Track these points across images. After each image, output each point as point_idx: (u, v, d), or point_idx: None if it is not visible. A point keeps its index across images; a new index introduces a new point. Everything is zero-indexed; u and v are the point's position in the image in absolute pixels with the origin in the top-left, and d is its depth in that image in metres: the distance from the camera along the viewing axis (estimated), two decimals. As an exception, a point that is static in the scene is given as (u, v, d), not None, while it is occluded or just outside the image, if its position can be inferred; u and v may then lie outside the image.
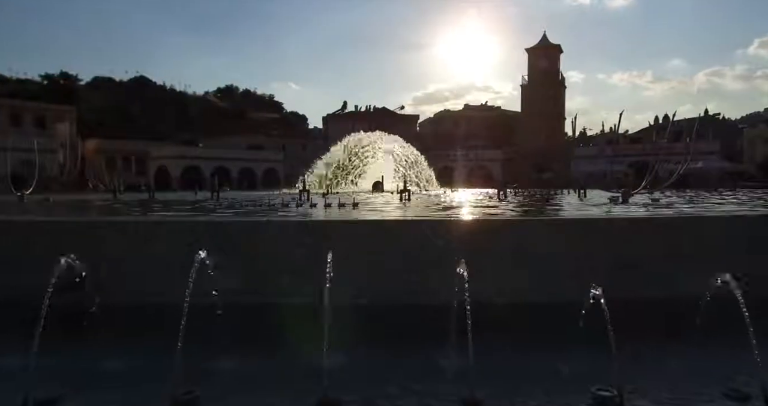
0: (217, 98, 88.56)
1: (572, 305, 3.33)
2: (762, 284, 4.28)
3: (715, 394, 2.93)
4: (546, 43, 61.19)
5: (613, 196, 10.93)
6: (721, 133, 69.69)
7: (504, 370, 3.29)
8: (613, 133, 63.75)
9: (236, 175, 51.29)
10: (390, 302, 4.38)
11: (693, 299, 3.48)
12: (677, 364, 3.31)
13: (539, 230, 4.86)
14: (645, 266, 4.53)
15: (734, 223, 5.40)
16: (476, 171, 58.49)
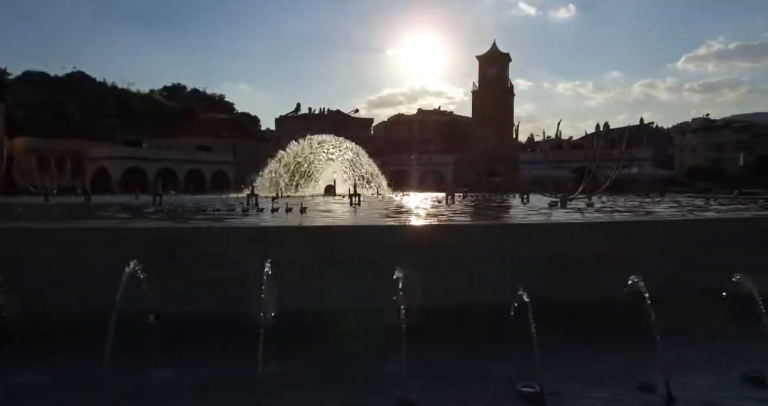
0: (163, 97, 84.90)
1: (505, 307, 3.51)
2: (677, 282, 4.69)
3: (628, 388, 3.18)
4: (495, 52, 63.21)
5: (552, 200, 11.52)
6: (654, 141, 74.60)
7: (438, 371, 3.42)
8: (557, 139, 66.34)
9: (183, 178, 49.39)
10: (336, 307, 4.43)
11: (612, 300, 3.76)
12: (594, 361, 3.56)
13: (478, 234, 5.08)
14: (575, 269, 4.83)
15: (655, 227, 5.86)
16: (429, 175, 59.45)
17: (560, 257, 4.83)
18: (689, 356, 3.58)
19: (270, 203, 9.45)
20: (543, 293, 4.39)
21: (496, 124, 60.12)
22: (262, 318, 3.21)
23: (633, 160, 54.11)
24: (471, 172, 54.25)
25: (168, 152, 51.96)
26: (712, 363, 3.55)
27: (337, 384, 3.31)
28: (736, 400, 3.05)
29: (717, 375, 3.37)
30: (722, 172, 64.03)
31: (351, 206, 10.13)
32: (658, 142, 76.38)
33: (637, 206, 11.27)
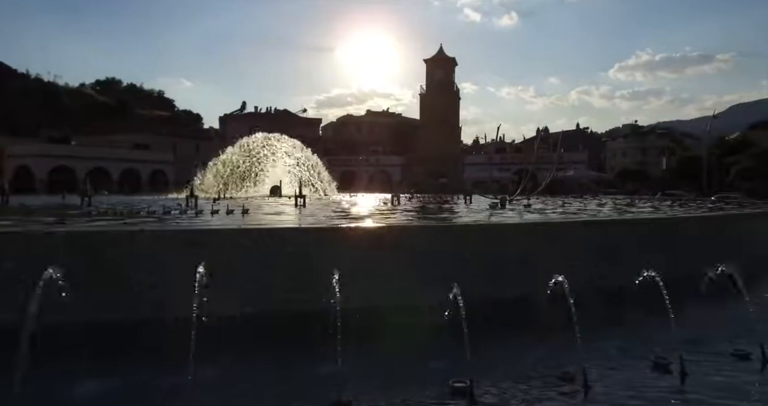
0: (95, 91, 79.58)
1: (441, 306, 3.64)
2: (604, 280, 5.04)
3: (550, 379, 3.40)
4: (442, 55, 64.65)
5: (493, 202, 11.98)
6: (588, 145, 79.18)
7: (374, 370, 3.49)
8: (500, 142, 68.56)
9: (117, 178, 46.61)
10: (274, 310, 4.39)
11: (540, 297, 4.00)
12: (521, 354, 3.78)
13: (416, 235, 5.20)
14: (511, 268, 5.07)
15: (585, 227, 6.26)
16: (377, 176, 59.83)
17: (495, 256, 5.06)
18: (605, 347, 3.87)
19: (211, 205, 9.18)
20: (478, 291, 4.58)
21: (443, 126, 61.49)
22: (194, 323, 3.14)
23: (569, 163, 57.27)
24: (418, 173, 55.11)
25: (100, 150, 48.75)
26: (625, 353, 3.86)
27: (270, 389, 3.30)
28: (644, 386, 3.34)
29: (629, 363, 3.67)
30: (648, 175, 69.09)
31: (296, 208, 10.03)
32: (592, 146, 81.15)
33: (570, 207, 11.95)
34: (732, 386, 3.35)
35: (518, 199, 13.67)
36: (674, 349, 3.57)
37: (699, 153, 54.66)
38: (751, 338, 3.90)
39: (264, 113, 77.12)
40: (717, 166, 49.65)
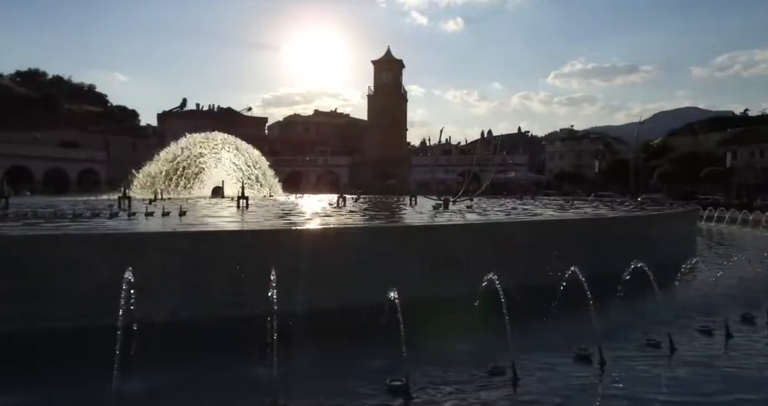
0: (16, 83, 73.22)
1: (379, 306, 3.70)
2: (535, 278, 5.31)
3: (481, 372, 3.55)
4: (390, 58, 65.27)
5: (437, 203, 12.27)
6: (529, 148, 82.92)
7: (309, 372, 3.49)
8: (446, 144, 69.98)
9: (41, 177, 43.16)
10: (209, 315, 4.27)
11: (474, 295, 4.16)
12: (456, 350, 3.92)
13: (360, 237, 5.25)
14: (447, 267, 5.24)
15: (520, 227, 6.57)
16: (325, 177, 59.42)
17: (435, 256, 5.21)
18: (535, 341, 4.10)
19: (146, 206, 8.75)
20: (418, 290, 4.69)
21: (391, 127, 62.08)
22: (121, 331, 3.01)
23: (511, 165, 59.70)
24: (366, 174, 55.30)
25: (20, 147, 44.82)
26: (552, 346, 4.10)
27: (203, 393, 3.22)
28: (567, 376, 3.57)
29: (555, 356, 3.91)
30: (583, 177, 73.30)
31: (238, 209, 9.78)
32: (532, 150, 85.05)
33: (509, 208, 12.46)
34: (643, 371, 3.66)
35: (461, 200, 14.07)
36: (595, 341, 3.84)
37: (627, 157, 58.76)
38: (661, 328, 4.26)
39: (206, 111, 74.36)
40: (643, 169, 53.59)
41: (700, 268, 6.64)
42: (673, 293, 5.42)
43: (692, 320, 4.83)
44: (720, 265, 7.46)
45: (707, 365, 3.82)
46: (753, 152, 61.29)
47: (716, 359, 3.97)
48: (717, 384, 3.44)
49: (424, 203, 13.61)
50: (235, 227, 5.86)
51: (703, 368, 3.75)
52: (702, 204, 23.88)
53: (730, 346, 4.26)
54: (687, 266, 5.64)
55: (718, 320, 4.68)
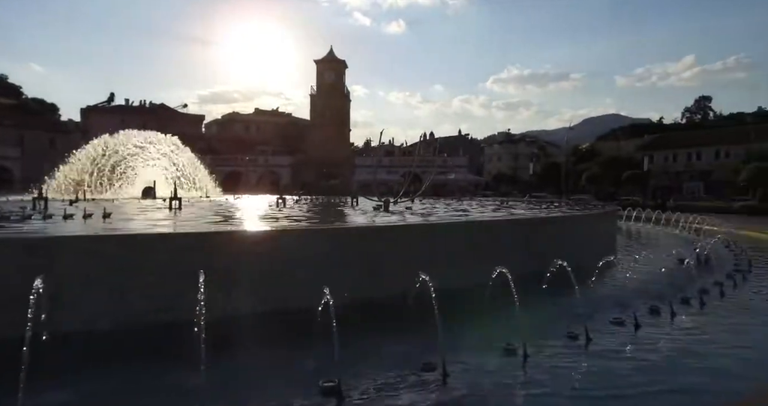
0: None
1: (314, 308, 3.69)
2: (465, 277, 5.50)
3: (413, 369, 3.65)
4: (332, 57, 64.97)
5: (377, 204, 12.38)
6: (469, 150, 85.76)
7: (242, 376, 3.43)
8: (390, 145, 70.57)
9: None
10: (134, 323, 4.07)
11: (408, 295, 4.26)
12: (389, 348, 4.00)
13: (294, 239, 5.20)
14: (382, 268, 5.31)
15: (456, 228, 6.79)
16: (266, 177, 58.07)
17: (370, 257, 5.27)
18: (466, 338, 4.27)
19: (64, 208, 8.14)
20: (353, 292, 4.72)
21: (334, 127, 61.83)
22: (30, 342, 2.79)
23: (452, 167, 61.41)
24: (308, 174, 54.68)
25: None
26: (482, 342, 4.28)
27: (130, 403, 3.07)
28: (495, 370, 3.75)
29: (484, 351, 4.09)
30: (519, 179, 76.82)
31: (170, 211, 9.34)
32: (472, 152, 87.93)
33: (447, 208, 12.81)
34: (562, 361, 3.92)
35: (402, 200, 14.29)
36: (521, 335, 4.07)
37: (559, 160, 62.37)
38: (579, 321, 4.59)
39: (137, 107, 70.23)
40: (573, 172, 57.08)
41: (617, 265, 7.19)
42: (592, 289, 5.83)
43: (607, 313, 5.22)
44: (634, 261, 8.12)
45: (617, 352, 4.18)
46: (667, 157, 67.18)
47: (625, 347, 4.34)
48: (625, 370, 3.77)
49: (365, 203, 13.68)
50: (165, 230, 5.60)
51: (614, 355, 4.09)
52: (623, 205, 25.85)
53: (638, 335, 4.66)
54: (604, 263, 6.08)
55: (629, 312, 5.10)
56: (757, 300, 6.37)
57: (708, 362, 3.98)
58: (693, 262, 8.12)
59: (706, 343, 4.53)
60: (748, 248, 10.81)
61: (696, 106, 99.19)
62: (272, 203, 13.58)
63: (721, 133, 64.00)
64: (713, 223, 15.16)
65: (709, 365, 3.92)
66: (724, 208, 32.85)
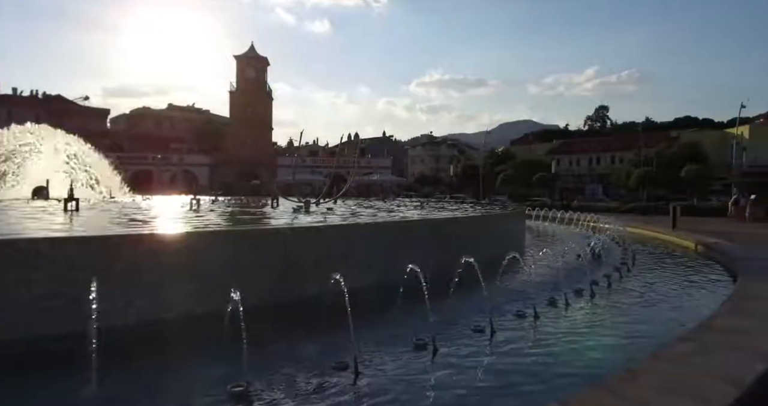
0: None
1: (221, 312, 3.57)
2: (381, 276, 5.61)
3: (326, 368, 3.66)
4: (254, 54, 62.82)
5: (297, 205, 12.20)
6: (393, 152, 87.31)
7: (142, 384, 3.24)
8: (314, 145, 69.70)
9: None
10: (18, 335, 3.68)
11: (322, 296, 4.26)
12: (301, 348, 3.99)
13: (206, 241, 4.99)
14: (299, 269, 5.27)
15: (372, 228, 6.89)
16: (181, 176, 54.80)
17: (285, 258, 5.20)
18: (378, 336, 4.36)
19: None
20: (267, 293, 4.63)
21: (255, 126, 59.87)
22: None
23: (376, 168, 62.14)
24: (228, 174, 52.48)
25: None
26: (394, 339, 4.40)
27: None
28: (405, 365, 3.87)
29: (396, 347, 4.21)
30: (440, 180, 79.60)
31: (66, 213, 8.52)
32: (396, 153, 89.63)
33: (369, 209, 12.96)
34: (469, 353, 4.15)
35: (325, 201, 14.21)
36: (431, 331, 4.25)
37: (477, 163, 65.52)
38: (484, 315, 4.88)
39: (27, 97, 63.07)
40: (490, 174, 60.22)
41: (524, 260, 7.73)
42: (499, 284, 6.21)
43: (512, 305, 5.60)
44: (538, 257, 8.78)
45: (520, 341, 4.50)
46: (572, 161, 73.45)
47: (527, 335, 4.69)
48: (527, 357, 4.08)
49: (285, 204, 13.43)
50: (55, 234, 5.11)
51: (516, 343, 4.41)
52: (532, 205, 27.79)
53: (538, 325, 5.06)
54: (512, 260, 6.49)
55: (530, 304, 5.52)
56: (636, 289, 7.16)
57: (595, 342, 4.45)
58: (587, 256, 8.95)
59: (593, 326, 5.05)
60: (633, 243, 12.13)
61: (596, 115, 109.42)
62: (185, 204, 12.86)
63: (615, 141, 71.19)
64: (607, 221, 16.76)
65: (596, 343, 4.39)
66: (618, 208, 36.54)
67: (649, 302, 6.35)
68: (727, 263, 8.57)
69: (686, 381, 2.51)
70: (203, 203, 13.87)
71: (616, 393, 2.29)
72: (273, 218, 8.88)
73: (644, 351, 3.84)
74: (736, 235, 16.47)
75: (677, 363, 2.77)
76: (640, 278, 7.90)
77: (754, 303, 4.28)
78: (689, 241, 11.87)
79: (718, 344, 3.10)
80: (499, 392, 3.40)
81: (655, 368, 2.67)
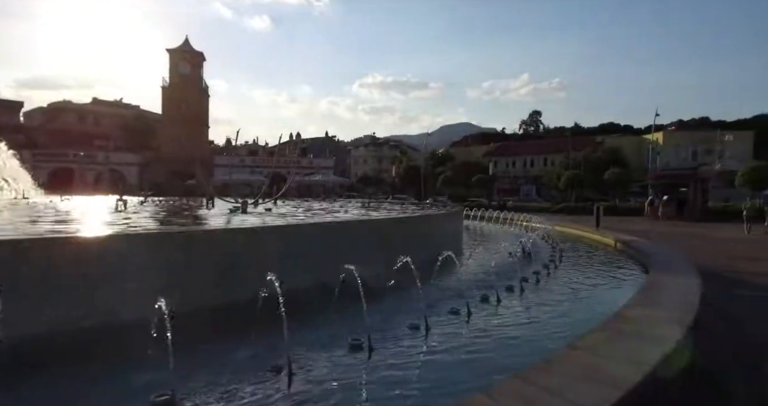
0: None
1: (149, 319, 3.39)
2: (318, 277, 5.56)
3: (260, 371, 3.60)
4: (188, 48, 60.00)
5: (234, 206, 11.82)
6: (336, 152, 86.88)
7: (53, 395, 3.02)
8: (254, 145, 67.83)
9: None
10: None
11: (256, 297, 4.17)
12: (235, 353, 3.89)
13: (136, 244, 4.71)
14: (233, 271, 5.11)
15: (309, 228, 6.82)
16: (107, 175, 51.29)
17: (218, 261, 5.04)
18: (316, 337, 4.34)
19: None
20: (200, 298, 4.47)
21: (191, 123, 57.27)
22: None
23: (318, 168, 61.51)
24: (160, 174, 49.84)
25: None
26: (331, 340, 4.40)
27: None
28: (340, 365, 3.88)
29: (331, 348, 4.20)
30: (383, 181, 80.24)
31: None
32: (339, 154, 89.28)
33: (310, 210, 12.79)
34: (403, 351, 4.23)
35: (263, 202, 13.87)
36: (367, 330, 4.28)
37: (419, 164, 66.76)
38: (420, 314, 4.99)
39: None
40: (431, 175, 61.55)
41: (460, 259, 7.97)
42: (435, 283, 6.38)
43: (446, 303, 5.77)
44: (474, 256, 9.10)
45: (453, 337, 4.65)
46: (508, 163, 76.81)
47: (460, 332, 4.85)
48: (459, 353, 4.22)
49: (222, 205, 12.97)
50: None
51: (450, 340, 4.55)
52: (471, 205, 28.74)
53: (471, 322, 5.25)
54: (449, 258, 6.67)
55: (464, 301, 5.71)
56: (562, 284, 7.63)
57: (522, 335, 4.69)
58: (519, 255, 9.41)
59: (522, 320, 5.32)
60: (561, 241, 12.90)
61: (530, 119, 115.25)
62: (111, 205, 12.05)
63: (547, 144, 75.29)
64: (538, 221, 17.69)
65: (524, 336, 4.62)
66: (549, 208, 38.68)
67: (572, 296, 6.78)
68: (641, 259, 9.33)
69: (597, 368, 2.72)
70: (131, 203, 13.08)
71: (533, 382, 2.43)
72: (207, 219, 8.55)
73: (564, 342, 4.10)
74: (651, 233, 18.00)
75: (590, 351, 2.99)
76: (566, 274, 8.41)
77: (658, 295, 4.70)
78: (610, 239, 12.79)
79: (627, 332, 3.38)
80: (433, 386, 3.50)
81: (570, 357, 2.86)
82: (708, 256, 12.84)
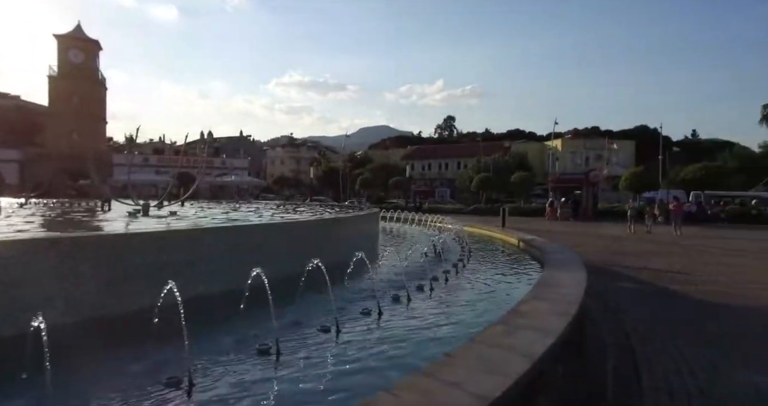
0: None
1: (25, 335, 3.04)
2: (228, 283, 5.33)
3: (156, 383, 3.37)
4: (81, 35, 54.24)
5: (134, 208, 10.93)
6: (251, 152, 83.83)
7: None
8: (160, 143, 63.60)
9: None
10: None
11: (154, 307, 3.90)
12: (130, 365, 3.61)
13: (10, 251, 4.18)
14: (130, 280, 4.74)
15: (215, 232, 6.51)
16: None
17: (113, 269, 4.64)
18: (218, 345, 4.16)
19: None
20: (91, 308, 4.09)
21: (84, 117, 52.00)
22: None
23: (232, 169, 58.92)
24: (47, 172, 44.74)
25: None
26: (238, 345, 4.24)
27: None
28: (246, 371, 3.75)
29: (239, 355, 4.06)
30: (301, 182, 78.96)
31: None
32: (254, 154, 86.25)
33: (220, 212, 12.24)
34: (313, 353, 4.19)
35: (169, 203, 13.01)
36: (276, 335, 4.19)
37: (337, 165, 66.60)
38: (331, 315, 4.99)
39: None
40: (350, 177, 61.70)
41: (375, 260, 8.09)
42: (347, 284, 6.41)
43: (358, 305, 5.82)
44: (387, 256, 9.28)
45: (364, 338, 4.70)
46: (424, 166, 79.34)
47: (371, 332, 4.92)
48: (369, 352, 4.27)
49: (120, 208, 11.94)
50: None
51: (361, 340, 4.59)
52: (388, 207, 29.25)
53: (381, 322, 5.34)
54: (363, 260, 6.72)
55: (375, 302, 5.80)
56: (470, 282, 8.04)
57: (432, 332, 4.86)
58: (431, 255, 9.75)
59: (431, 318, 5.51)
60: (471, 241, 13.60)
61: (445, 124, 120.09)
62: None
63: (461, 148, 79.01)
64: (451, 222, 18.50)
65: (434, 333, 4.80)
66: (462, 210, 40.63)
67: (478, 293, 7.17)
68: (540, 256, 10.14)
69: (495, 360, 2.90)
70: (6, 206, 11.58)
71: (435, 376, 2.54)
72: (99, 222, 7.83)
73: (469, 336, 4.33)
74: (550, 232, 19.62)
75: (489, 345, 3.19)
76: (474, 273, 8.88)
77: (550, 289, 5.14)
78: (514, 238, 13.72)
79: (521, 325, 3.65)
80: (341, 387, 3.51)
81: (471, 351, 3.03)
82: (597, 252, 14.30)
